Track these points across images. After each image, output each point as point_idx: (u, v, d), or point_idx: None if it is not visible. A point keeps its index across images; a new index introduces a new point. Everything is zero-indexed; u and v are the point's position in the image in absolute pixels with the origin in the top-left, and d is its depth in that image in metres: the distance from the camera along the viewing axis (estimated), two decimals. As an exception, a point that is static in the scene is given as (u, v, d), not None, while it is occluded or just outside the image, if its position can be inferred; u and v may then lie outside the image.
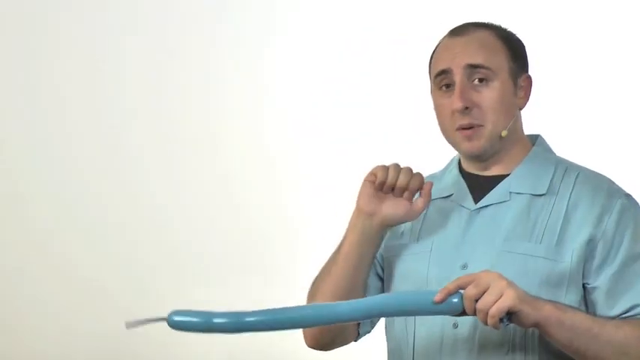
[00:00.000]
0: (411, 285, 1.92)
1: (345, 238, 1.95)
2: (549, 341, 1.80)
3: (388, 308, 1.75)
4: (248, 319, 1.68)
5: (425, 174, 1.97)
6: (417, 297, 1.75)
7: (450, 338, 1.87)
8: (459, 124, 1.89)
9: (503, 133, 1.89)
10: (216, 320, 1.67)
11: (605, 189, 1.89)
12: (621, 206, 1.87)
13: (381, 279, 2.02)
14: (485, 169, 1.94)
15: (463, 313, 1.74)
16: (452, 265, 1.88)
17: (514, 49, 1.94)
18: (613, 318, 1.82)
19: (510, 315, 1.71)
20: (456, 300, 1.72)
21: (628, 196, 1.90)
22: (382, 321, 2.02)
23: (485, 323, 1.71)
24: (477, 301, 1.71)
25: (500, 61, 1.90)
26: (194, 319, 1.67)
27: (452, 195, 1.96)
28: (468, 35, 1.92)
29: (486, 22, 1.97)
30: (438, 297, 1.72)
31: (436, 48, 1.97)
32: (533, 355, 1.84)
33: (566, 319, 1.74)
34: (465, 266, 1.87)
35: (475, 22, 1.97)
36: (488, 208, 1.90)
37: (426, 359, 1.89)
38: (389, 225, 1.93)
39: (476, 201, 1.92)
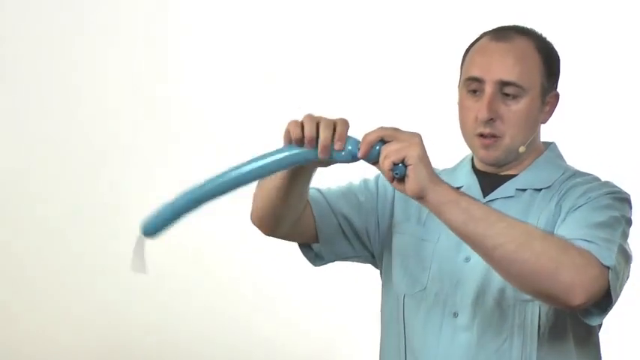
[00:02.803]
0: (413, 266, 1.95)
1: None
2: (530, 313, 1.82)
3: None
4: (203, 189, 1.71)
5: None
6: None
7: (449, 326, 1.89)
8: (479, 131, 1.91)
9: (521, 149, 1.92)
10: (177, 204, 1.71)
11: (592, 177, 1.92)
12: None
13: (351, 243, 2.02)
14: (498, 170, 1.97)
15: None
16: (455, 258, 1.92)
17: (550, 65, 1.94)
18: None
19: (405, 170, 1.66)
20: (350, 147, 1.69)
21: (609, 184, 1.90)
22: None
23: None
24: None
25: (533, 78, 1.91)
26: (161, 218, 1.72)
27: (461, 187, 1.97)
28: (509, 43, 1.91)
29: (529, 28, 1.96)
30: (362, 152, 1.67)
31: (474, 45, 1.96)
32: (531, 344, 1.85)
33: (462, 200, 1.68)
34: (467, 259, 1.90)
35: (518, 26, 1.96)
36: (495, 202, 1.92)
37: (424, 347, 1.92)
38: (317, 168, 1.83)
39: (485, 196, 1.95)
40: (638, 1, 3.71)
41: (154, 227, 1.72)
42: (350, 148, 1.68)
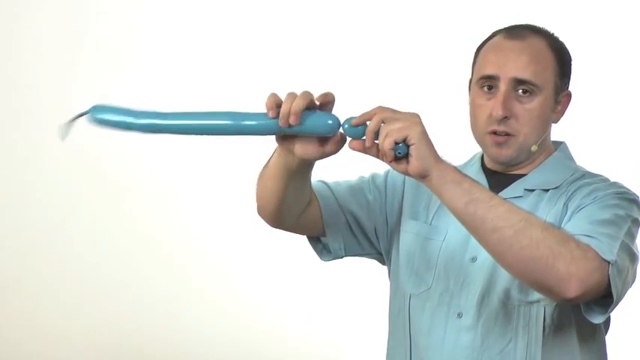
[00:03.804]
0: (419, 265, 1.94)
1: (272, 157, 1.84)
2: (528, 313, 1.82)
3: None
4: (169, 121, 1.67)
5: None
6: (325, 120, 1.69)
7: (453, 327, 1.89)
8: (493, 129, 1.90)
9: (533, 148, 1.91)
10: (139, 121, 1.66)
11: (600, 178, 1.91)
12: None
13: (359, 240, 2.00)
14: (507, 169, 1.96)
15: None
16: (461, 258, 1.91)
17: (563, 64, 1.94)
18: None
19: (408, 150, 1.65)
20: (330, 122, 1.68)
21: (617, 185, 1.89)
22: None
23: (382, 154, 1.66)
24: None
25: (547, 77, 1.90)
26: (116, 117, 1.66)
27: None
28: (523, 41, 1.91)
29: (542, 27, 1.96)
30: (356, 122, 1.67)
31: (487, 43, 1.96)
32: (536, 345, 1.85)
33: (465, 182, 1.67)
34: (474, 259, 1.89)
35: (532, 25, 1.96)
36: None
37: (429, 348, 1.91)
38: (309, 161, 1.80)
39: None
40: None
41: (103, 114, 1.66)
42: (330, 122, 1.67)
